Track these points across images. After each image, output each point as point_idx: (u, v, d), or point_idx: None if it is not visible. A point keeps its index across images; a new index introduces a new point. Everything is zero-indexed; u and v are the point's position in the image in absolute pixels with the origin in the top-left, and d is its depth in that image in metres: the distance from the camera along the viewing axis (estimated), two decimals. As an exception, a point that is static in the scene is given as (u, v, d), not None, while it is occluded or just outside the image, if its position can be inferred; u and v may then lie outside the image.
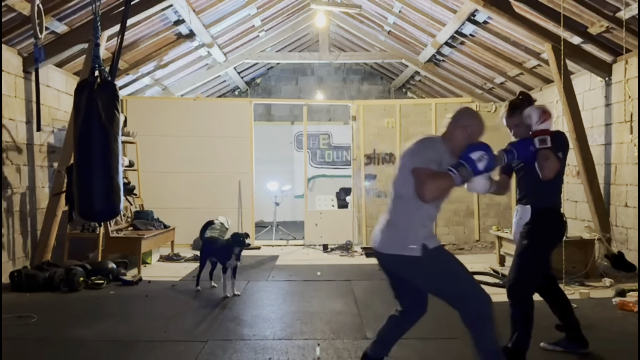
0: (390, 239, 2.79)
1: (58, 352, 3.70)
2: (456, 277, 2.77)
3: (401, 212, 2.80)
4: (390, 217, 2.84)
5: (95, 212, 3.58)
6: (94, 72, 3.57)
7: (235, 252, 5.20)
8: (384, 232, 2.83)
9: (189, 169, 8.70)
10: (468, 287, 2.76)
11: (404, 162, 2.84)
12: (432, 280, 2.77)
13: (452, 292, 2.76)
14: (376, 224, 2.97)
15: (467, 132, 2.85)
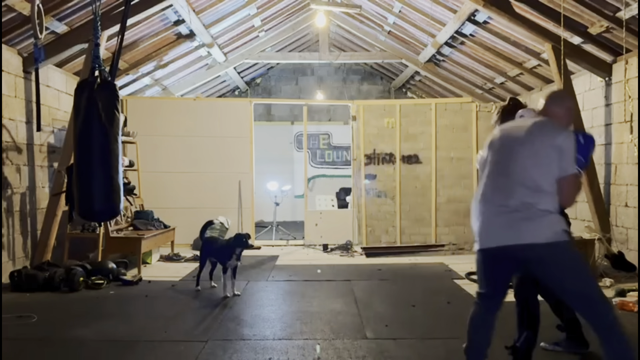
0: (541, 226, 2.59)
1: (58, 352, 3.70)
2: (589, 274, 2.70)
3: (545, 198, 2.62)
4: (534, 202, 2.61)
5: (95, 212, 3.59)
6: (94, 72, 3.58)
7: (236, 253, 5.20)
8: (523, 221, 2.62)
9: (189, 169, 8.70)
10: (597, 287, 2.67)
11: (546, 153, 2.66)
12: (572, 271, 2.61)
13: (583, 288, 2.62)
14: (476, 217, 2.80)
15: (570, 115, 2.94)
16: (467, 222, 8.88)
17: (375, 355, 3.57)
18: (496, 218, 2.74)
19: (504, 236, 2.68)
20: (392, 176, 8.85)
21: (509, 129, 2.92)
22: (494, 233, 2.75)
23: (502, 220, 2.71)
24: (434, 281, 6.04)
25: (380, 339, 3.88)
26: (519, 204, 2.65)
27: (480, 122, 8.87)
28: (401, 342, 3.84)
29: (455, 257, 7.66)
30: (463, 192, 8.80)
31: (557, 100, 2.93)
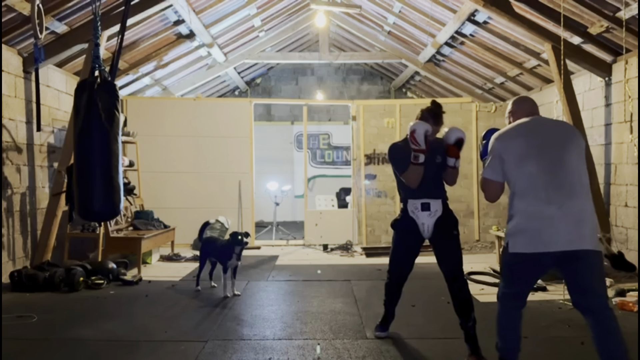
0: (593, 232, 2.61)
1: (58, 352, 3.70)
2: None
3: (590, 202, 2.66)
4: (586, 205, 2.64)
5: (95, 212, 3.58)
6: (94, 72, 3.57)
7: (235, 252, 5.20)
8: (583, 224, 2.60)
9: (189, 169, 8.70)
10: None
11: (579, 151, 2.74)
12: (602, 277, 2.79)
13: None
14: (533, 217, 2.62)
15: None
16: (467, 222, 8.92)
17: (375, 355, 3.57)
18: (560, 222, 2.60)
19: (569, 241, 2.60)
20: (391, 176, 8.77)
21: (538, 125, 2.86)
22: (557, 237, 2.61)
23: (567, 225, 2.60)
24: (434, 281, 6.03)
25: (380, 339, 3.87)
26: (579, 208, 2.62)
27: (480, 122, 8.87)
28: (401, 341, 3.84)
29: (455, 257, 7.65)
30: (463, 191, 8.80)
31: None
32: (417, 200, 3.59)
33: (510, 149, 2.78)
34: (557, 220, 2.59)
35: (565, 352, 3.60)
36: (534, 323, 4.24)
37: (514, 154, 2.76)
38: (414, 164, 3.49)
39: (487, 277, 5.96)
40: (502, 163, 2.78)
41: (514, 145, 2.78)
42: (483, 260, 7.20)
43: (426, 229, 3.60)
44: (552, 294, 5.18)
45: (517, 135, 2.82)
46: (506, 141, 2.82)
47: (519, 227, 2.71)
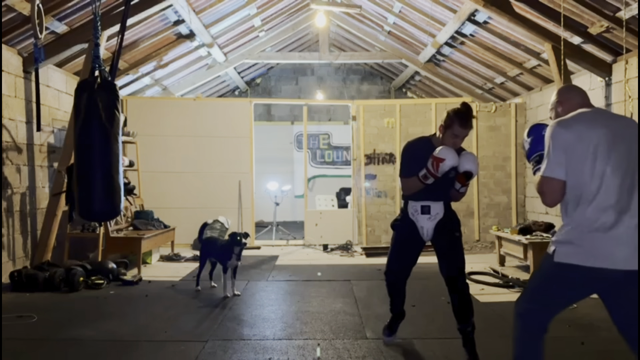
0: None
1: (58, 352, 3.69)
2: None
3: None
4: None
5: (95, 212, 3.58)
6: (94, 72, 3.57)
7: (235, 252, 5.20)
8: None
9: (189, 169, 8.70)
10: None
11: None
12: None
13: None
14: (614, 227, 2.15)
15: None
16: (467, 222, 8.92)
17: (375, 355, 3.57)
18: (632, 234, 2.18)
19: (634, 259, 2.17)
20: (392, 176, 8.85)
21: (604, 118, 2.46)
22: (623, 254, 2.17)
23: (634, 239, 2.17)
24: (434, 281, 6.03)
25: (380, 339, 3.87)
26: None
27: (480, 122, 8.88)
28: (401, 341, 3.84)
29: (455, 257, 7.65)
30: (463, 192, 8.80)
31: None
32: (418, 203, 3.49)
33: (580, 143, 2.23)
34: (632, 231, 2.17)
35: (565, 352, 3.60)
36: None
37: (584, 148, 2.22)
38: (419, 179, 3.36)
39: (487, 277, 5.96)
40: (568, 158, 2.24)
41: (585, 137, 2.24)
42: (483, 260, 7.20)
43: (425, 233, 3.52)
44: (552, 294, 5.18)
45: (586, 126, 2.29)
46: (576, 132, 2.26)
47: (578, 236, 2.24)
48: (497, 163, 8.91)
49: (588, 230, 2.21)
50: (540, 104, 8.34)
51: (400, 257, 3.69)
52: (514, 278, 5.71)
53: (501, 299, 5.08)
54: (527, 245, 5.91)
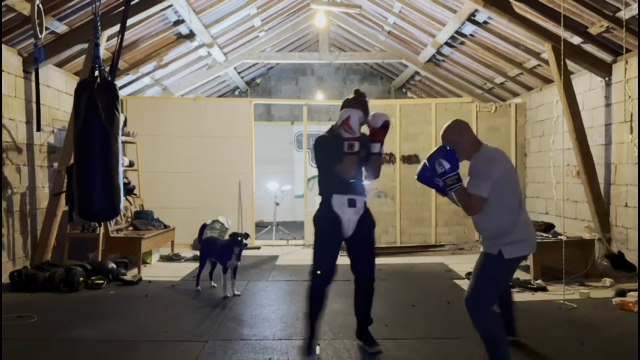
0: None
1: (58, 352, 3.70)
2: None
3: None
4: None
5: (95, 212, 3.58)
6: (94, 72, 3.56)
7: (235, 252, 5.20)
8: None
9: (189, 169, 8.70)
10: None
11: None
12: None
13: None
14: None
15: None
16: (467, 222, 8.92)
17: (375, 355, 3.57)
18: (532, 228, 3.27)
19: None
20: (392, 176, 8.85)
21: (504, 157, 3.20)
22: (534, 240, 3.20)
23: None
24: (434, 281, 6.04)
25: (380, 339, 3.87)
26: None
27: (480, 122, 8.87)
28: (401, 342, 3.84)
29: (455, 257, 7.65)
30: (463, 192, 8.80)
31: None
32: (344, 196, 3.49)
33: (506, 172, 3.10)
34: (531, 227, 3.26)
35: (565, 352, 3.60)
36: (534, 323, 4.24)
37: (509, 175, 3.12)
38: (349, 153, 3.38)
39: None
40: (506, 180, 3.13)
41: (506, 171, 3.11)
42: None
43: (351, 226, 3.52)
44: (552, 294, 5.18)
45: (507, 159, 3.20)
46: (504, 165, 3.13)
47: (521, 237, 3.06)
48: (497, 163, 8.89)
49: (526, 230, 3.11)
50: (540, 104, 8.34)
51: (332, 254, 3.57)
52: (514, 278, 5.71)
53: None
54: (527, 245, 5.90)
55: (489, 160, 3.07)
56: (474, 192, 3.00)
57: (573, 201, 7.38)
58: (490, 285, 3.07)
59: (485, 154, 3.12)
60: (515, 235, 3.02)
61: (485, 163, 3.06)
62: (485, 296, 3.04)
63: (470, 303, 3.04)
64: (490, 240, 3.07)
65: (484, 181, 3.00)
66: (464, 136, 3.17)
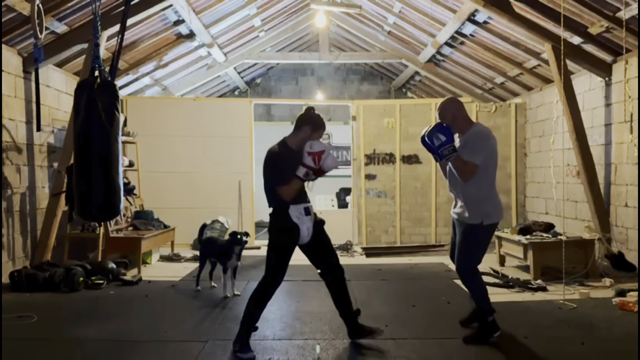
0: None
1: (58, 352, 3.70)
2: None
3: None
4: None
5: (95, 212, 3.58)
6: (94, 72, 3.57)
7: (235, 252, 5.20)
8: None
9: (189, 169, 8.70)
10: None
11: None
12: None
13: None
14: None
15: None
16: (467, 222, 8.89)
17: (375, 355, 3.57)
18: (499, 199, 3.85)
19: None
20: (392, 176, 8.85)
21: (493, 136, 3.76)
22: (502, 209, 3.80)
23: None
24: (434, 281, 6.04)
25: (380, 339, 3.87)
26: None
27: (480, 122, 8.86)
28: (401, 342, 3.84)
29: (455, 257, 7.64)
30: (463, 192, 8.80)
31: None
32: (300, 206, 3.56)
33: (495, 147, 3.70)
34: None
35: (565, 352, 3.60)
36: (534, 323, 4.24)
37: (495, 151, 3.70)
38: (300, 179, 3.46)
39: (487, 277, 5.95)
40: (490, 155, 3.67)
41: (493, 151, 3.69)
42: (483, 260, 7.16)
43: (309, 233, 3.61)
44: (552, 294, 5.18)
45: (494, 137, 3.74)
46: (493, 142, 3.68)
47: (495, 205, 3.69)
48: (497, 163, 8.89)
49: (498, 200, 3.75)
50: (540, 104, 8.34)
51: (287, 264, 3.62)
52: (514, 278, 5.71)
53: (501, 299, 5.07)
54: (527, 245, 5.91)
55: (482, 136, 3.60)
56: (470, 159, 3.51)
57: (573, 201, 7.38)
58: (475, 250, 3.71)
59: (479, 130, 3.65)
60: (491, 203, 3.63)
61: (479, 137, 3.59)
62: (472, 259, 3.70)
63: (461, 268, 3.72)
64: (472, 209, 3.61)
65: (477, 152, 3.52)
66: (461, 111, 3.70)
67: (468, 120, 3.74)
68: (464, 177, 3.56)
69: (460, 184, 3.64)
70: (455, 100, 3.78)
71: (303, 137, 3.56)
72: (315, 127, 3.58)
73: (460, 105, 3.73)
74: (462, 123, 3.68)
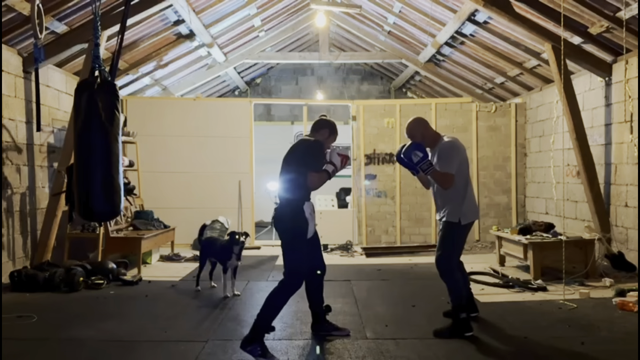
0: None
1: (58, 352, 3.70)
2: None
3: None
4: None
5: (95, 212, 3.58)
6: (94, 72, 3.56)
7: (235, 252, 5.20)
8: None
9: (189, 169, 8.70)
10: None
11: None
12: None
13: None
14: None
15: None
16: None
17: (375, 355, 3.57)
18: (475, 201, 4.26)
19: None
20: (392, 176, 8.86)
21: (462, 145, 4.12)
22: (478, 210, 4.21)
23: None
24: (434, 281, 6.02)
25: (380, 339, 3.87)
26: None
27: (480, 122, 8.88)
28: (401, 342, 3.84)
29: (455, 257, 7.64)
30: (463, 192, 8.80)
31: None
32: (309, 203, 3.71)
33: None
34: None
35: (565, 352, 3.60)
36: (534, 323, 4.24)
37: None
38: (328, 174, 3.65)
39: (487, 277, 5.96)
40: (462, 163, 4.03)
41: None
42: (483, 260, 7.20)
43: (313, 230, 3.75)
44: (552, 294, 5.18)
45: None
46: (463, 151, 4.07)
47: (470, 206, 4.01)
48: (497, 163, 8.91)
49: (474, 202, 4.12)
50: (540, 104, 8.35)
51: (307, 259, 3.74)
52: (514, 278, 5.71)
53: (501, 299, 5.08)
54: (527, 245, 5.91)
55: (452, 148, 3.96)
56: (446, 170, 3.88)
57: (573, 201, 7.38)
58: (454, 248, 4.02)
59: (448, 143, 3.99)
60: (467, 204, 3.97)
61: (449, 149, 3.95)
62: (451, 256, 4.00)
63: (441, 264, 3.99)
64: (450, 210, 3.95)
65: (451, 162, 3.90)
66: (428, 130, 4.08)
67: (435, 135, 4.10)
68: (445, 186, 3.92)
69: (440, 190, 4.01)
70: (421, 120, 4.13)
71: (321, 139, 3.81)
72: (332, 131, 3.89)
73: (426, 124, 4.12)
74: (430, 139, 4.06)
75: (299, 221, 3.63)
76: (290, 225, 3.65)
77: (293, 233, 3.65)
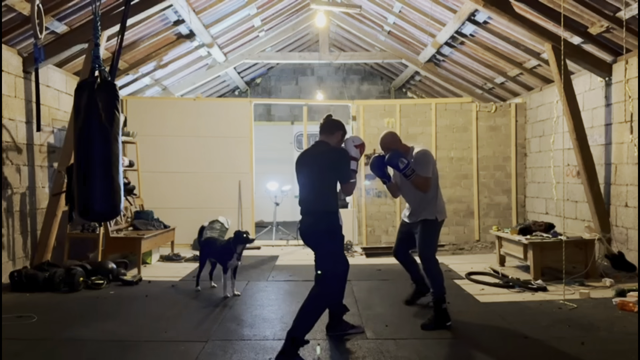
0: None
1: (58, 352, 3.70)
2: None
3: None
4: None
5: (95, 212, 3.57)
6: (94, 72, 3.56)
7: (237, 252, 5.20)
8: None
9: (189, 169, 8.70)
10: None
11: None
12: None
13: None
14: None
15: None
16: (467, 222, 8.94)
17: (375, 355, 3.57)
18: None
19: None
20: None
21: (431, 153, 4.63)
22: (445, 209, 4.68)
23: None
24: (434, 281, 6.03)
25: (380, 339, 3.88)
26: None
27: (480, 122, 8.88)
28: (401, 342, 3.84)
29: (455, 257, 7.65)
30: (463, 192, 8.81)
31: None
32: (340, 211, 3.88)
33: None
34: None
35: (565, 352, 3.60)
36: (534, 323, 4.24)
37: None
38: (355, 172, 3.89)
39: (487, 277, 5.96)
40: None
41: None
42: (483, 260, 7.20)
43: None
44: (552, 294, 5.18)
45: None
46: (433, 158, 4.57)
47: (442, 205, 4.54)
48: (497, 163, 8.91)
49: (443, 201, 4.60)
50: (540, 104, 8.35)
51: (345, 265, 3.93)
52: (514, 278, 5.71)
53: (501, 299, 5.08)
54: (527, 246, 5.91)
55: (426, 155, 4.43)
56: (426, 175, 4.34)
57: (573, 201, 7.39)
58: (433, 242, 4.46)
59: (422, 151, 4.46)
60: (440, 204, 4.48)
61: (423, 156, 4.41)
62: (432, 249, 4.41)
63: (424, 257, 4.38)
64: (428, 210, 4.41)
65: (426, 168, 4.36)
66: (401, 142, 4.61)
67: (405, 146, 4.60)
68: (425, 189, 4.36)
69: (414, 192, 4.45)
70: (394, 133, 4.69)
71: (336, 141, 3.98)
72: (344, 133, 4.08)
73: (397, 136, 4.68)
74: (403, 149, 4.54)
75: (337, 230, 3.78)
76: (329, 237, 3.75)
77: (334, 242, 3.77)
